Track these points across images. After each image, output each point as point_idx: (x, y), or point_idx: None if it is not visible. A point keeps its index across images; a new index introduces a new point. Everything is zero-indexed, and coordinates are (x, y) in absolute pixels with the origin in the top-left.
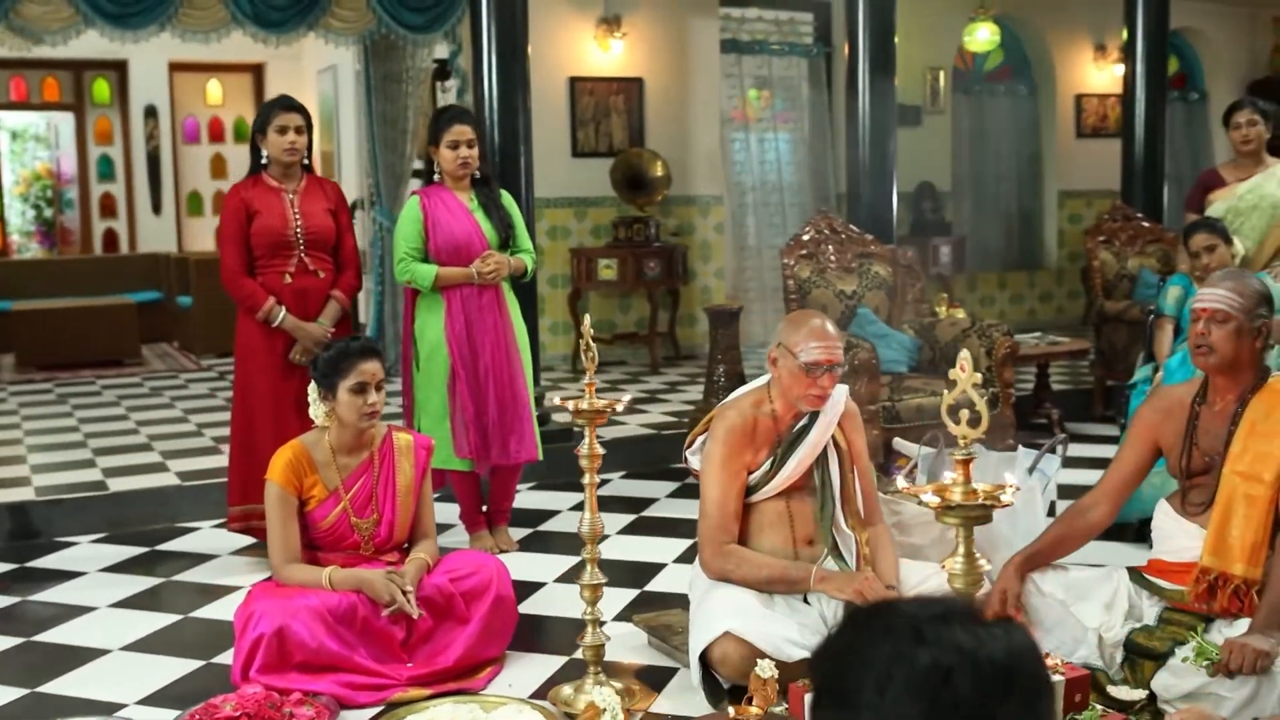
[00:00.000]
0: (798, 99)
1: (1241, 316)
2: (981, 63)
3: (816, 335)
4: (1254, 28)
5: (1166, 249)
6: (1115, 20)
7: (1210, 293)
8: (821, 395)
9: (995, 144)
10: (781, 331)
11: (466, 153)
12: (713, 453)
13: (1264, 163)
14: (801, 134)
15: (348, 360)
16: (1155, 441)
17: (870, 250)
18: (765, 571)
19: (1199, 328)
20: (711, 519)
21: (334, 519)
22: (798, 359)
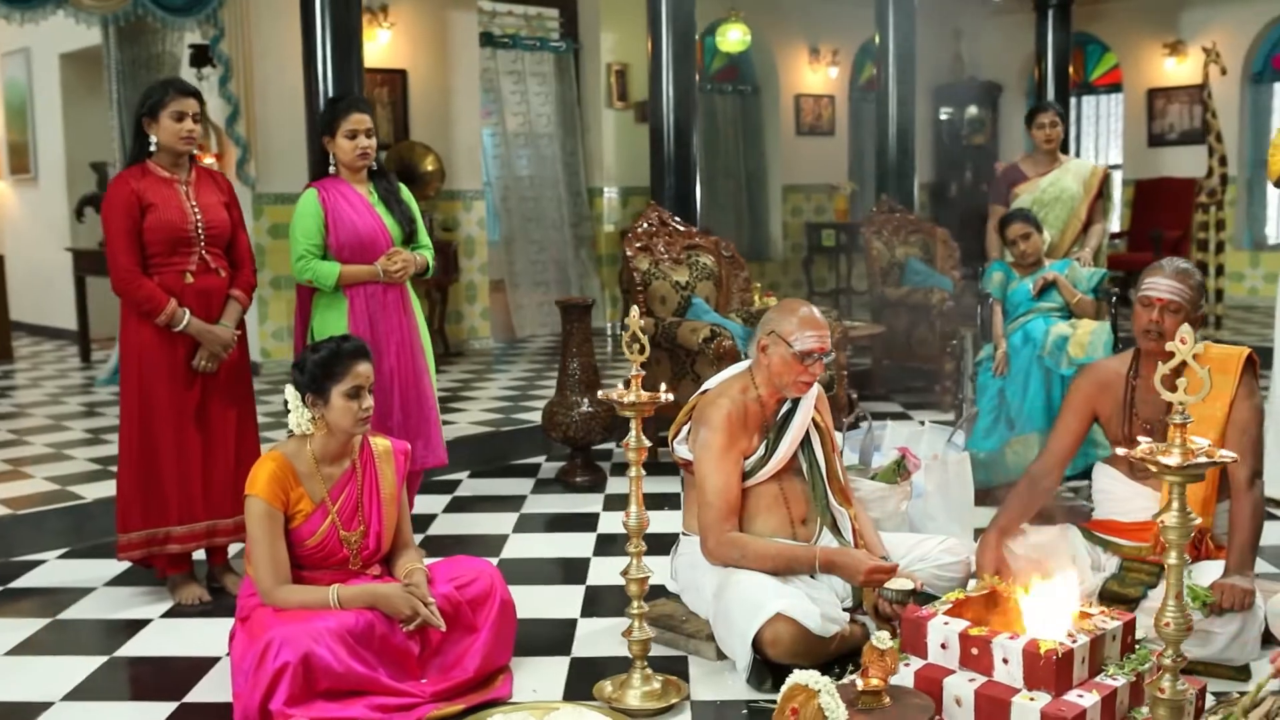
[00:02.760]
0: (549, 94)
1: (1189, 307)
2: (710, 62)
3: (810, 324)
4: (933, 38)
5: (926, 239)
6: (828, 26)
7: (1164, 284)
8: (810, 382)
9: (724, 141)
10: (772, 320)
11: (365, 143)
12: (711, 442)
13: (1059, 159)
14: (552, 129)
15: (342, 362)
16: (1093, 411)
17: (696, 242)
18: (771, 558)
19: (1153, 315)
20: (714, 508)
21: (323, 533)
22: (791, 347)
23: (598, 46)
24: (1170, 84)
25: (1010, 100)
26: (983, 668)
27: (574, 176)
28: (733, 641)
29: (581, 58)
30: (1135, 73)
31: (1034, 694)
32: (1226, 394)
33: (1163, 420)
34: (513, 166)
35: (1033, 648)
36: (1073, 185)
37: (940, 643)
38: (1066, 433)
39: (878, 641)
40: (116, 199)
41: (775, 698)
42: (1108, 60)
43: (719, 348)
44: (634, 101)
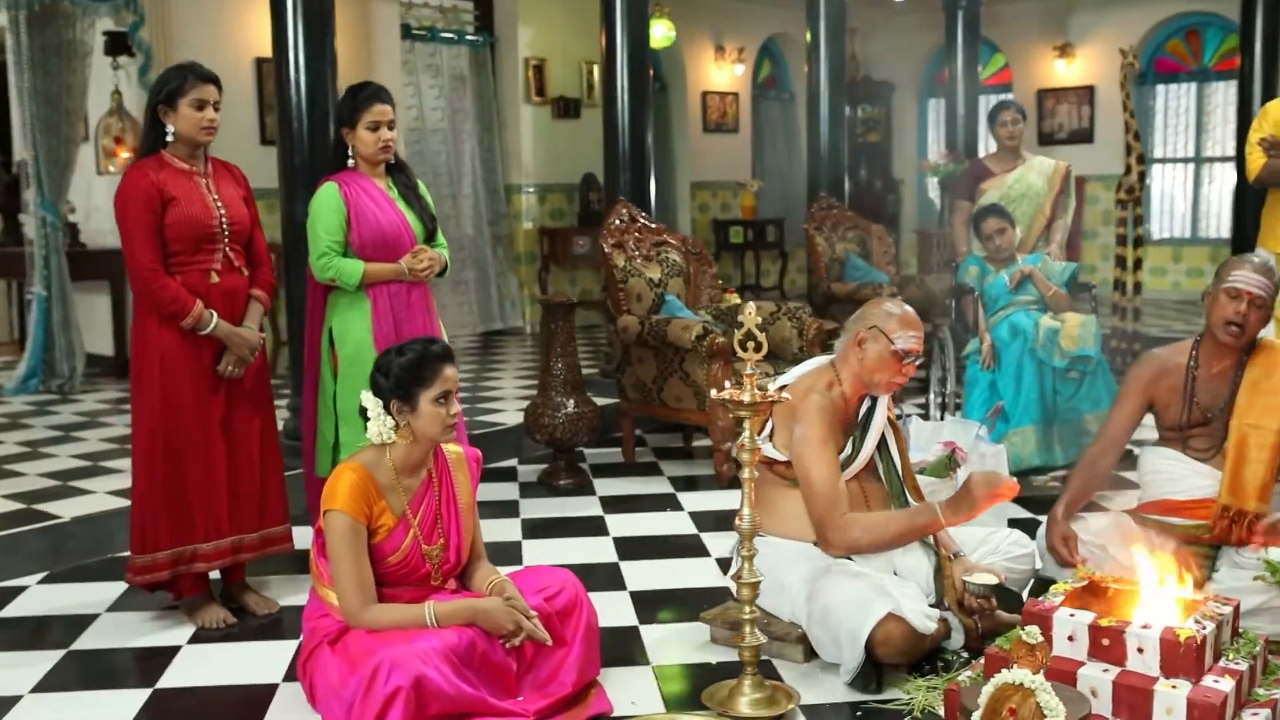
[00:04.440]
0: (466, 89)
1: (1271, 303)
2: None
3: (911, 324)
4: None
5: (864, 235)
6: (733, 23)
7: (1255, 278)
8: (902, 382)
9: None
10: (874, 315)
11: (388, 135)
12: (810, 435)
13: (1021, 156)
14: (470, 124)
15: (431, 366)
16: (1149, 399)
17: (665, 239)
18: (894, 528)
19: (1240, 307)
20: (824, 497)
21: (406, 549)
22: (893, 344)
23: (515, 41)
24: (1059, 85)
25: (903, 99)
26: (1115, 658)
27: (491, 173)
28: (838, 643)
29: (498, 52)
30: (1025, 74)
31: (1175, 681)
32: None
33: (1222, 407)
34: (431, 163)
35: (1170, 636)
36: (1038, 182)
37: (1068, 635)
38: (1124, 417)
39: (1028, 636)
40: (135, 191)
41: (882, 698)
42: (997, 61)
43: (711, 345)
44: (552, 97)
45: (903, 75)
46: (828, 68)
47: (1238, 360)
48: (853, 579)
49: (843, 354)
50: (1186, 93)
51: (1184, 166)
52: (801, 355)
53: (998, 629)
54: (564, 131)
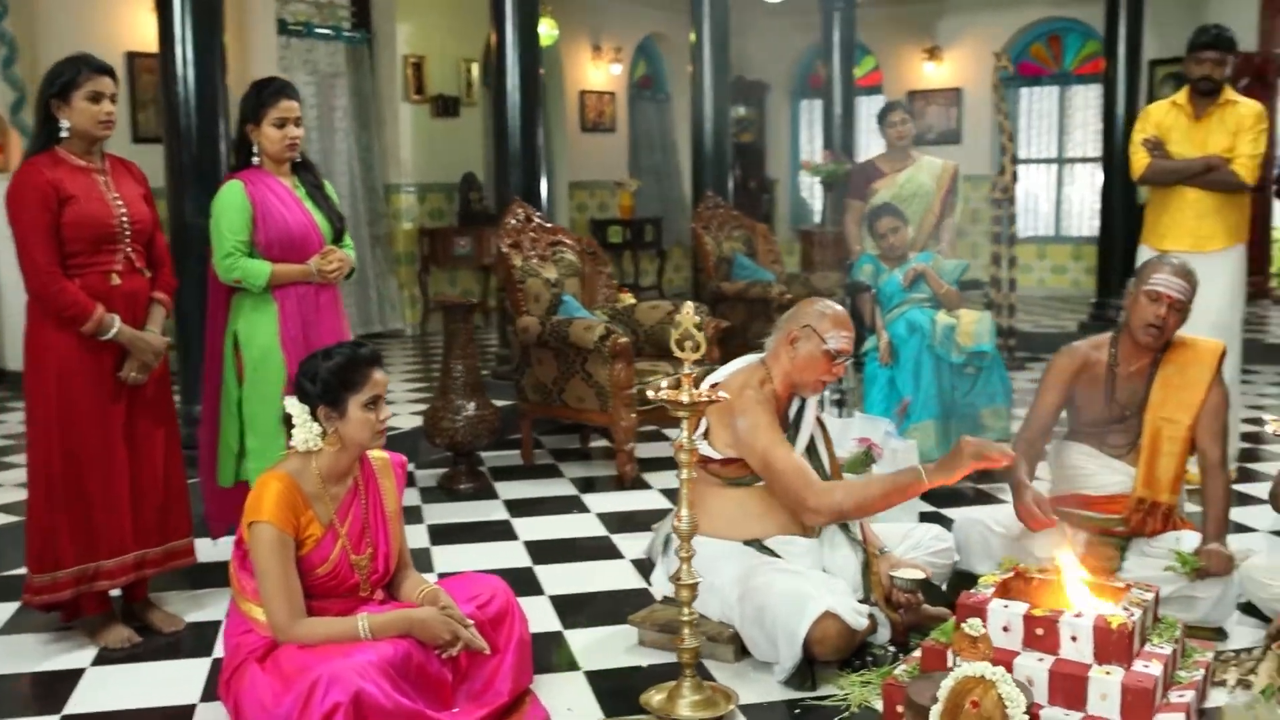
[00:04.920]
0: (343, 86)
1: (1187, 310)
2: None
3: (844, 324)
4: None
5: (749, 234)
6: (610, 22)
7: (1176, 282)
8: (829, 381)
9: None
10: (807, 314)
11: (295, 132)
12: (758, 421)
13: (911, 156)
14: (347, 123)
15: (360, 370)
16: (1071, 390)
17: (560, 238)
18: (876, 488)
19: (1160, 310)
20: (793, 473)
21: (335, 559)
22: (825, 344)
23: (393, 38)
24: (929, 87)
25: (776, 100)
26: (1049, 647)
27: (370, 173)
28: (774, 642)
29: (376, 49)
30: (895, 75)
31: (1108, 668)
32: (1204, 382)
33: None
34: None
35: (1103, 624)
36: (927, 181)
37: (1003, 626)
38: (1049, 406)
39: (970, 629)
40: (28, 190)
41: (818, 695)
42: (868, 62)
43: (614, 346)
44: (431, 95)
45: (776, 76)
46: (712, 68)
47: (1154, 358)
48: (786, 577)
49: (774, 352)
50: (1049, 95)
51: (1047, 167)
52: None
53: (923, 623)
54: (443, 130)
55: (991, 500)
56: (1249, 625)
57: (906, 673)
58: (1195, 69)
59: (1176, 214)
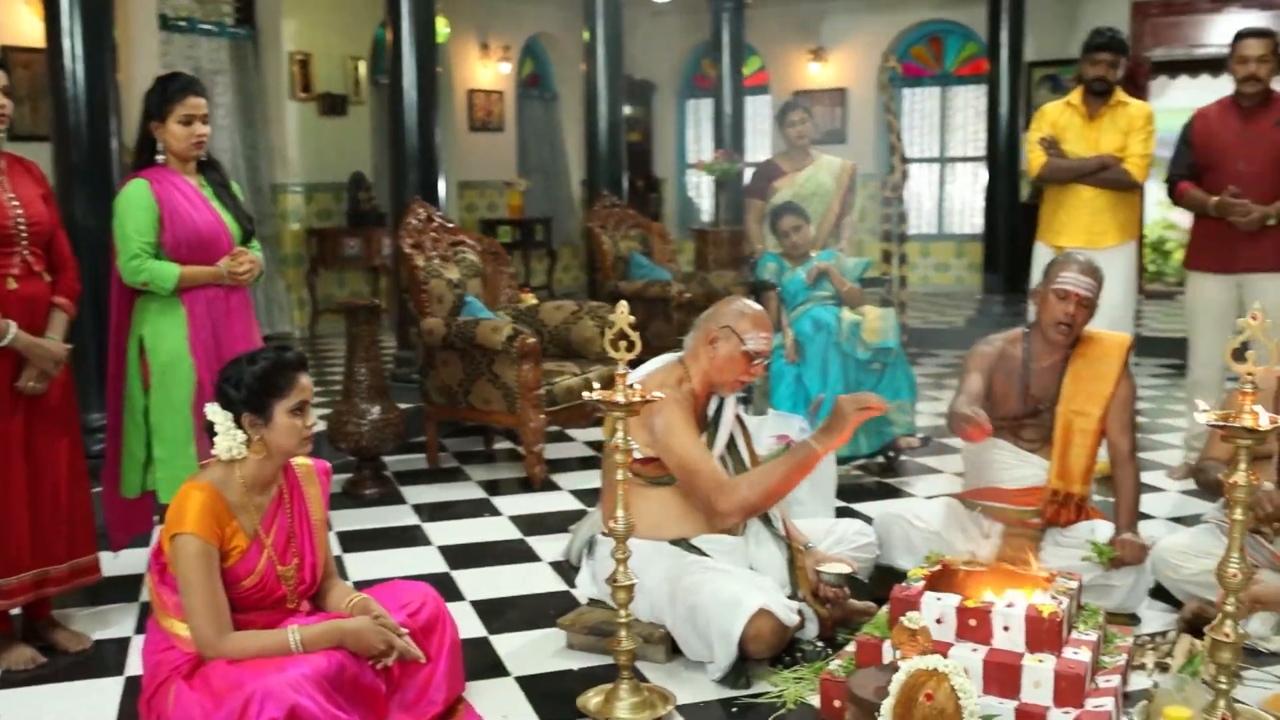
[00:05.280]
0: (227, 83)
1: (1095, 306)
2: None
3: (763, 325)
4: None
5: (645, 233)
6: (500, 21)
7: (1081, 280)
8: (748, 382)
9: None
10: (726, 314)
11: (202, 129)
12: (674, 422)
13: (811, 155)
14: (232, 121)
15: (286, 375)
16: (988, 377)
17: (461, 239)
18: (777, 472)
19: (1069, 308)
20: (707, 474)
21: (261, 571)
22: (744, 344)
23: (278, 34)
24: (814, 87)
25: (663, 99)
26: (981, 637)
27: (255, 172)
28: (708, 641)
29: (261, 46)
30: (781, 75)
31: (1040, 656)
32: (1113, 375)
33: (1051, 399)
34: None
35: (1035, 613)
36: (827, 180)
37: (936, 618)
38: (975, 384)
39: (909, 622)
40: None
41: (752, 693)
42: (753, 63)
43: (523, 346)
44: (318, 93)
45: (662, 76)
46: (605, 66)
47: (1065, 354)
48: (716, 576)
49: (693, 351)
50: (930, 96)
51: (929, 166)
52: (605, 354)
53: (849, 617)
54: (331, 129)
55: (898, 494)
56: (1158, 609)
57: (841, 667)
58: (1090, 70)
59: (1072, 211)
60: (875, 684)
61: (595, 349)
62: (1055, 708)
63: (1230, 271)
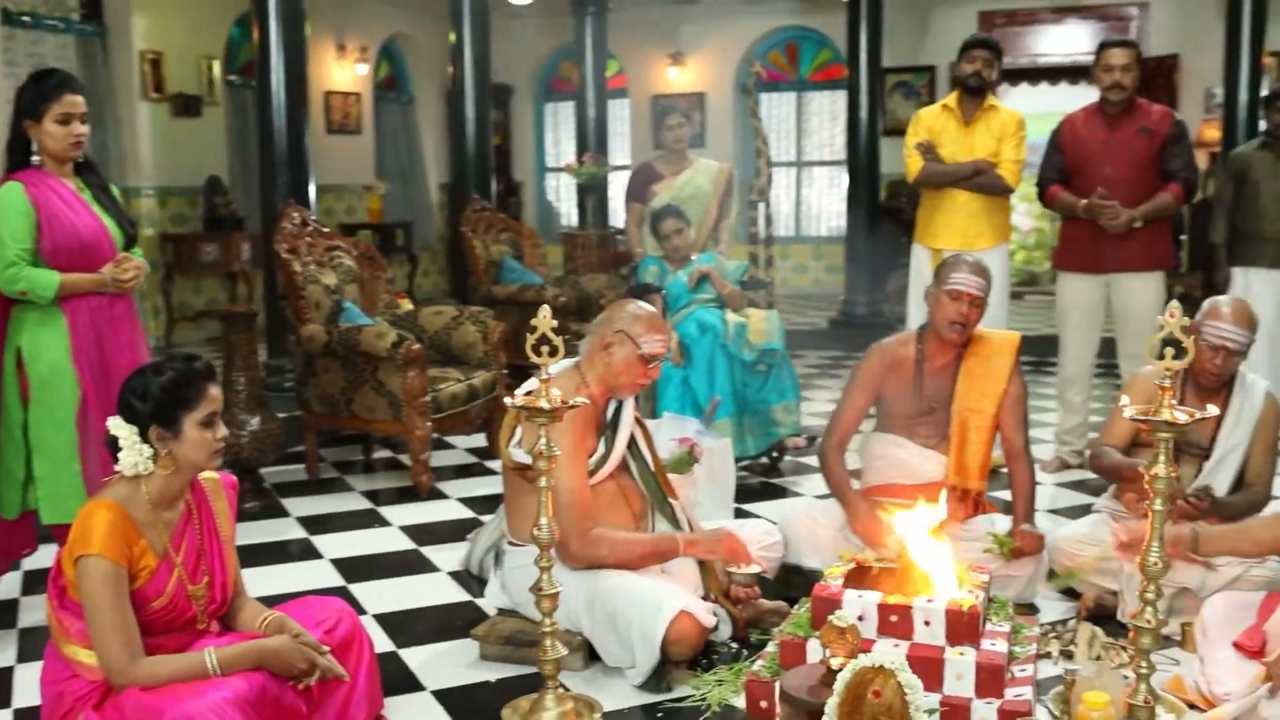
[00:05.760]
0: None
1: (985, 306)
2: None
3: (658, 327)
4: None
5: (515, 237)
6: (356, 22)
7: (973, 280)
8: (645, 385)
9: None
10: (619, 319)
11: (81, 129)
12: (561, 443)
13: (688, 159)
14: None
15: (195, 386)
16: (878, 390)
17: (337, 243)
18: (639, 548)
19: (962, 308)
20: (574, 509)
21: (171, 591)
22: (639, 348)
23: (128, 32)
24: (673, 91)
25: (520, 103)
26: (903, 633)
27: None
28: (629, 646)
29: (110, 43)
30: (640, 80)
31: (960, 649)
32: (1005, 373)
33: (946, 398)
34: None
35: (954, 607)
36: (705, 184)
37: (858, 615)
38: (856, 410)
39: (838, 620)
40: None
41: (675, 697)
42: (612, 66)
43: (408, 353)
44: (171, 94)
45: (520, 79)
46: (472, 68)
47: (958, 353)
48: (633, 580)
49: (589, 357)
50: (787, 101)
51: (787, 170)
52: (486, 359)
53: (761, 617)
54: (185, 131)
55: (785, 494)
56: (1054, 599)
57: (765, 668)
58: (967, 66)
59: (949, 214)
60: (808, 683)
61: (477, 354)
62: (978, 699)
63: (1098, 271)
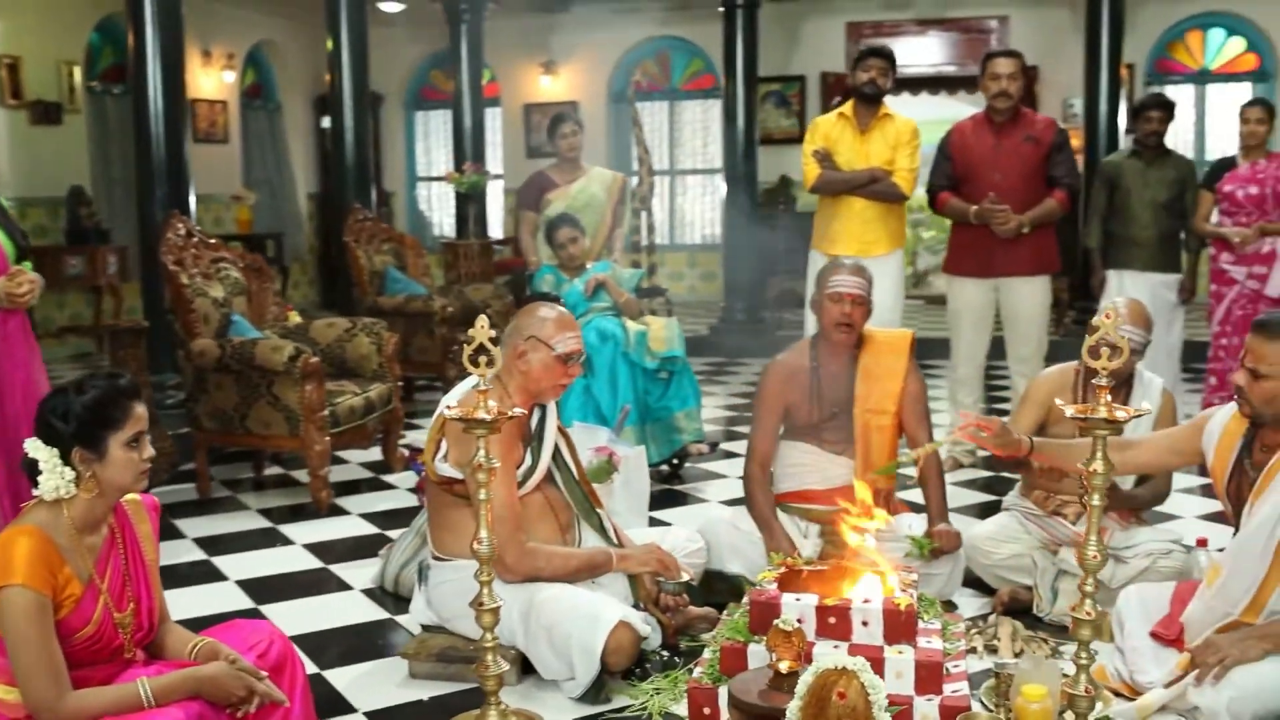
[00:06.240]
0: None
1: (869, 303)
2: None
3: (567, 325)
4: (315, 46)
5: (398, 246)
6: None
7: (851, 280)
8: (568, 384)
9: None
10: (529, 324)
11: None
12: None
13: (582, 167)
14: None
15: (121, 405)
16: (785, 404)
17: (222, 254)
18: (574, 562)
19: (845, 308)
20: (508, 523)
21: (98, 620)
22: (554, 350)
23: None
24: (546, 100)
25: (390, 111)
26: (841, 634)
27: None
28: (568, 658)
29: None
30: (512, 88)
31: (899, 647)
32: (901, 371)
33: (846, 401)
34: None
35: (892, 606)
36: (599, 192)
37: (796, 618)
38: (768, 431)
39: (783, 624)
40: None
41: (615, 708)
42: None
43: (305, 366)
44: (29, 100)
45: (390, 87)
46: (351, 76)
47: (851, 355)
48: (567, 591)
49: (506, 368)
50: (660, 110)
51: (661, 179)
52: (381, 371)
53: (690, 624)
54: (44, 139)
55: (688, 500)
56: (968, 595)
57: (706, 675)
58: (862, 75)
59: (845, 221)
60: (756, 687)
61: (371, 366)
62: (918, 696)
63: (988, 276)
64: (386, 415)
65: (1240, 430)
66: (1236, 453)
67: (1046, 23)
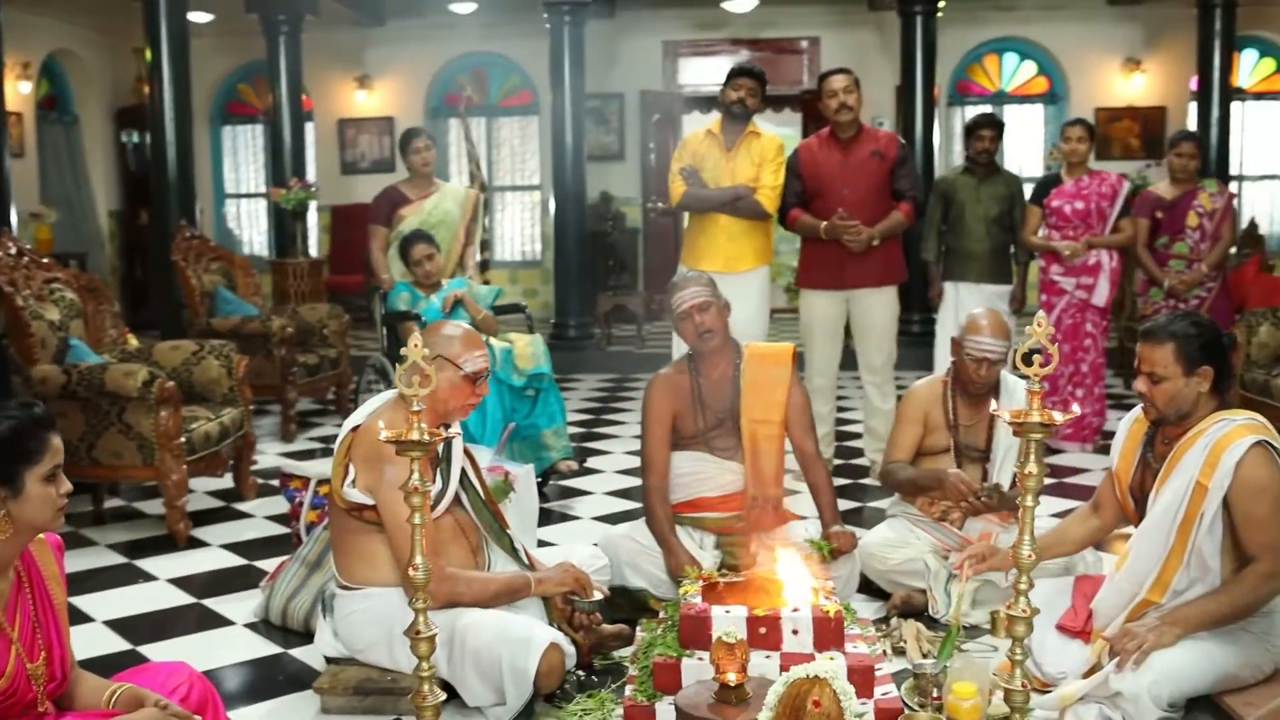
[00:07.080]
0: None
1: (717, 302)
2: None
3: (475, 344)
4: (117, 57)
5: (227, 266)
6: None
7: (694, 290)
8: (476, 403)
9: None
10: (434, 344)
11: None
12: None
13: (435, 183)
14: None
15: (37, 436)
16: (672, 418)
17: (56, 275)
18: (493, 587)
19: (697, 319)
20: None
21: (11, 671)
22: (461, 369)
23: None
24: (361, 115)
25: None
26: (772, 644)
27: None
28: (497, 683)
29: None
30: (327, 102)
31: (830, 654)
32: (784, 382)
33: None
34: None
35: (821, 614)
36: (453, 208)
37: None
38: (657, 442)
39: (726, 637)
40: None
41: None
42: None
43: (160, 392)
44: None
45: (196, 101)
46: (172, 86)
47: (731, 362)
48: (496, 615)
49: None
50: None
51: None
52: (232, 395)
53: (603, 642)
54: None
55: (564, 518)
56: (860, 599)
57: (639, 692)
58: (732, 93)
59: (712, 238)
60: (703, 701)
61: (221, 390)
62: None
63: (839, 288)
64: (239, 441)
65: (1142, 431)
66: (1140, 451)
67: (855, 44)
